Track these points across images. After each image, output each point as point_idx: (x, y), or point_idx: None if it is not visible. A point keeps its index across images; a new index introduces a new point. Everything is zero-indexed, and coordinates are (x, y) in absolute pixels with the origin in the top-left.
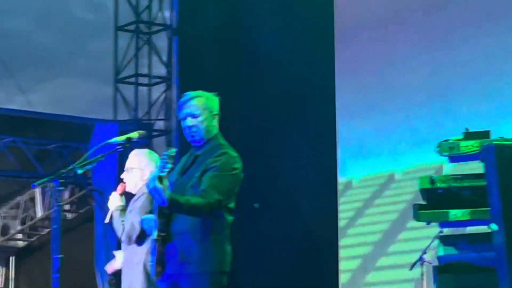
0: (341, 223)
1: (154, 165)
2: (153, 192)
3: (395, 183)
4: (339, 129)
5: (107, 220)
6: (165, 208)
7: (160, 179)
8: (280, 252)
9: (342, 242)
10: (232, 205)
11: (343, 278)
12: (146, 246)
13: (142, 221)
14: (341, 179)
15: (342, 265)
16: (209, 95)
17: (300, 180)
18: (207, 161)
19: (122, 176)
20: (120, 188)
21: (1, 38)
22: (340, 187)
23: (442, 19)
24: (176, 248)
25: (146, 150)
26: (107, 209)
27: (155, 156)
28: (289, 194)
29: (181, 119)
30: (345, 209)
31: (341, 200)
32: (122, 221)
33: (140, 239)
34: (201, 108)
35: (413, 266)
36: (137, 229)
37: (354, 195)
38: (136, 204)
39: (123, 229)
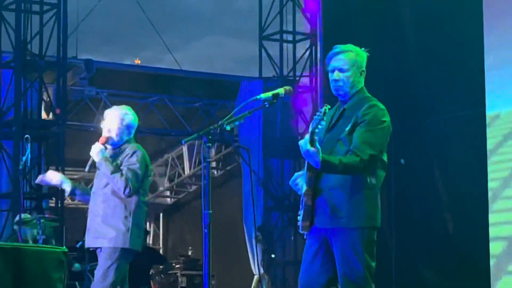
0: (489, 146)
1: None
2: (306, 155)
3: None
4: (487, 80)
5: (87, 169)
6: (318, 170)
7: (312, 142)
8: (429, 204)
9: (490, 160)
10: (385, 157)
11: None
12: (135, 198)
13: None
14: (488, 113)
15: (491, 176)
16: (359, 50)
17: (447, 134)
18: (357, 114)
19: (105, 131)
20: (102, 139)
21: None
22: (487, 120)
23: None
24: (327, 202)
25: (126, 107)
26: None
27: (134, 113)
28: (436, 148)
29: (329, 71)
30: (491, 136)
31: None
32: (122, 174)
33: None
34: (349, 63)
35: None
36: (139, 180)
37: (502, 125)
38: (130, 160)
39: (126, 179)
